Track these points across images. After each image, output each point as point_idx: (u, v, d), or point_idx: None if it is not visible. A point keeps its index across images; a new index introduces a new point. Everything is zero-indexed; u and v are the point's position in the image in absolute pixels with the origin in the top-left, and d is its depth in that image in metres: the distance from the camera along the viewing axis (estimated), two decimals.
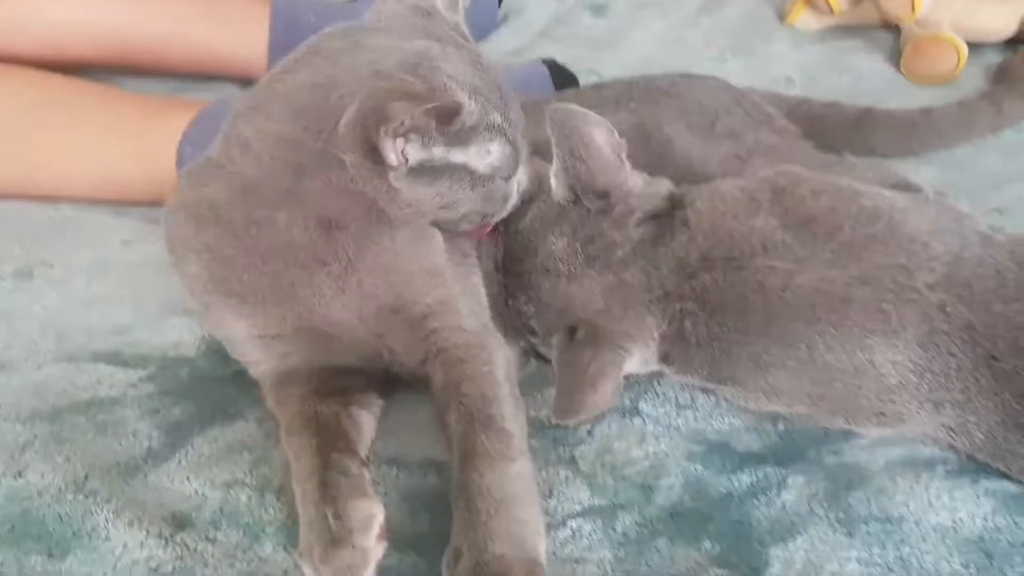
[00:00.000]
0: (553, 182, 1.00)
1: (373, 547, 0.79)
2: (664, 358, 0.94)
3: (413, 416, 0.96)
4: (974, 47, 1.57)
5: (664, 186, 0.98)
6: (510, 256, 1.02)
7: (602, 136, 0.96)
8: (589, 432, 0.95)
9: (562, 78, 1.52)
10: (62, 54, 1.43)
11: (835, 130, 1.35)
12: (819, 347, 0.88)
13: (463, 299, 0.96)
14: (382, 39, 0.89)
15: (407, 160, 0.80)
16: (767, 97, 1.33)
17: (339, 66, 0.86)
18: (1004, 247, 0.90)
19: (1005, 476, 0.87)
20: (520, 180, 0.95)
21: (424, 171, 0.82)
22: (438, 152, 0.82)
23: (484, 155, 0.87)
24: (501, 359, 0.94)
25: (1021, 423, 0.84)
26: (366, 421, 0.94)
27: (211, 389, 1.02)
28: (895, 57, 1.62)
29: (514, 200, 0.95)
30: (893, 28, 1.67)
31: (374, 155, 0.82)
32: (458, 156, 0.84)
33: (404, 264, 0.92)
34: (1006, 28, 1.58)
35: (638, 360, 0.94)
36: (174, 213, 0.94)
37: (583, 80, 1.52)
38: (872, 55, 1.66)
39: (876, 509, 0.86)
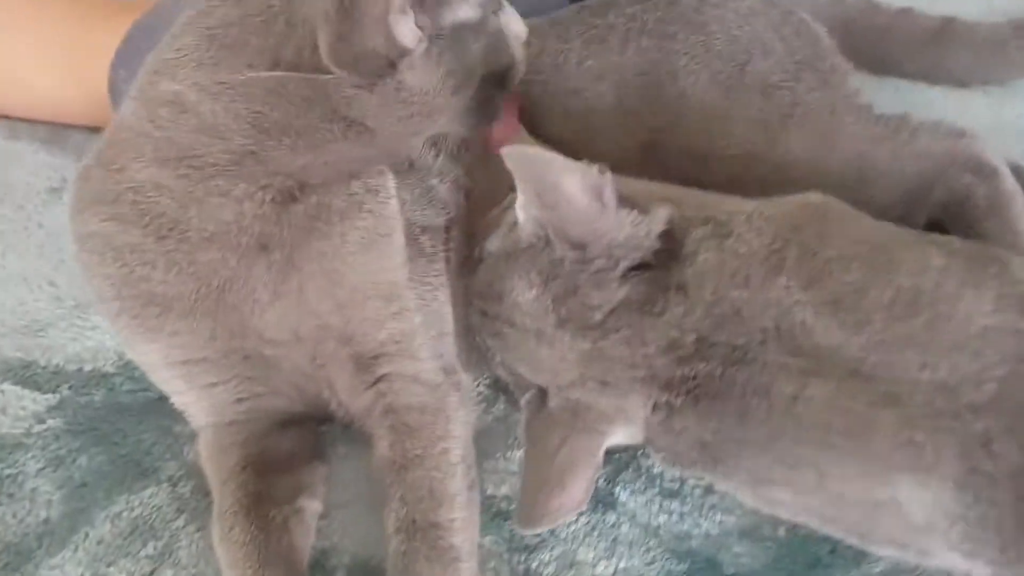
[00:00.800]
0: (519, 215, 0.78)
1: None
2: (649, 442, 0.76)
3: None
4: None
5: (659, 221, 0.75)
6: (478, 286, 0.82)
7: (574, 183, 0.73)
8: (552, 531, 0.80)
9: None
10: None
11: (905, 46, 1.09)
12: (832, 476, 0.69)
13: (423, 333, 0.81)
14: None
15: (422, 33, 0.71)
16: (821, 6, 1.03)
17: None
18: None
19: None
20: (510, 23, 0.80)
21: (432, 47, 0.72)
22: (443, 13, 0.72)
23: None
24: (459, 427, 0.80)
25: None
26: (310, 516, 0.81)
27: (126, 426, 0.89)
28: None
29: (520, 55, 0.81)
30: None
31: (361, 65, 0.70)
32: (455, 8, 0.73)
33: (354, 277, 0.77)
34: None
35: (621, 436, 0.76)
36: (83, 211, 0.77)
37: None
38: None
39: None
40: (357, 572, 0.79)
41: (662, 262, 0.74)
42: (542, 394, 0.78)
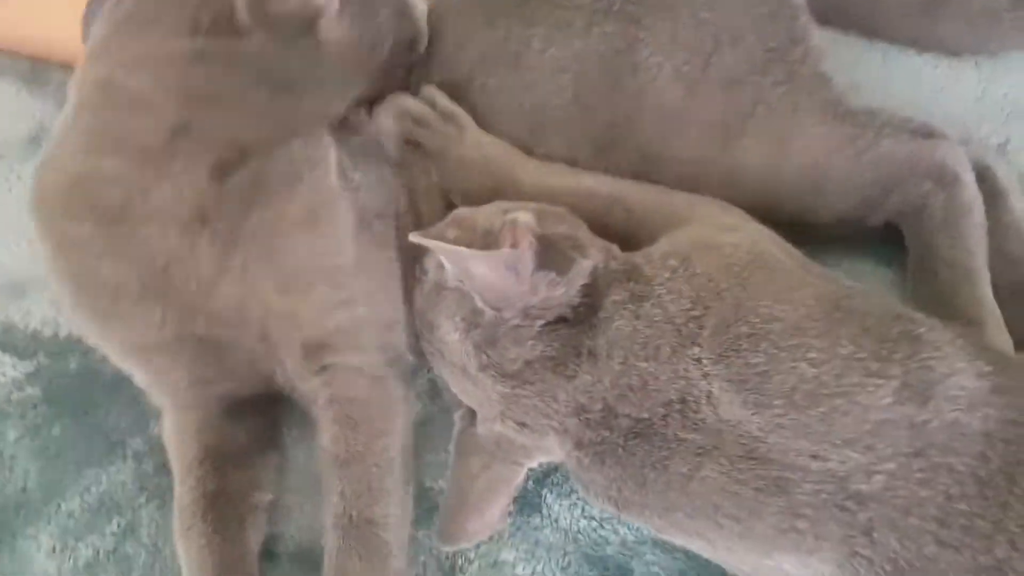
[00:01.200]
0: (444, 262, 0.79)
1: None
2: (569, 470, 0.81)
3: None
4: None
5: (579, 279, 0.75)
6: (416, 306, 0.84)
7: (486, 268, 0.73)
8: None
9: None
10: None
11: (898, 10, 1.02)
12: (721, 548, 0.73)
13: (371, 324, 0.84)
14: None
15: None
16: None
17: None
18: (976, 444, 0.68)
19: None
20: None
21: (345, 8, 0.77)
22: None
23: None
24: (402, 421, 0.83)
25: None
26: (263, 511, 0.87)
27: (98, 396, 0.95)
28: None
29: (424, 27, 0.88)
30: None
31: (280, 25, 0.74)
32: None
33: (296, 256, 0.79)
34: None
35: (543, 459, 0.81)
36: (39, 210, 0.81)
37: None
38: None
39: None
40: (300, 560, 0.86)
41: (581, 317, 0.74)
42: (473, 413, 0.82)
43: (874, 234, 0.91)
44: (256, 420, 0.89)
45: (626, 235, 0.85)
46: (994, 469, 0.66)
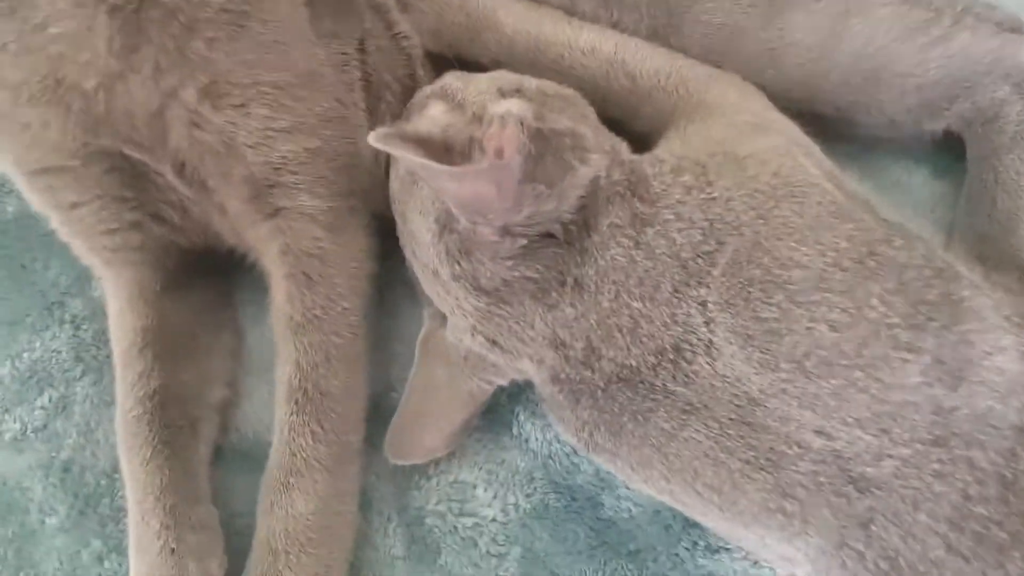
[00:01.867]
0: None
1: None
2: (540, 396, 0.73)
3: None
4: None
5: (573, 194, 0.63)
6: (391, 184, 0.74)
7: (465, 184, 0.62)
8: None
9: None
10: None
11: None
12: (697, 512, 0.66)
13: (325, 157, 0.73)
14: None
15: None
16: None
17: None
18: (1006, 440, 0.58)
19: None
20: None
21: None
22: None
23: None
24: (363, 283, 0.75)
25: None
26: (218, 413, 0.79)
27: (35, 247, 0.86)
28: None
29: None
30: None
31: None
32: None
33: (228, 57, 0.68)
34: None
35: (515, 377, 0.73)
36: None
37: None
38: None
39: None
40: (246, 456, 0.79)
41: (571, 237, 0.64)
42: (444, 314, 0.73)
43: (930, 140, 0.80)
44: (204, 294, 0.80)
45: (627, 109, 0.75)
46: (1022, 471, 0.57)
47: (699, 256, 0.62)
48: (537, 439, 0.78)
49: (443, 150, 0.60)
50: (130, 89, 0.66)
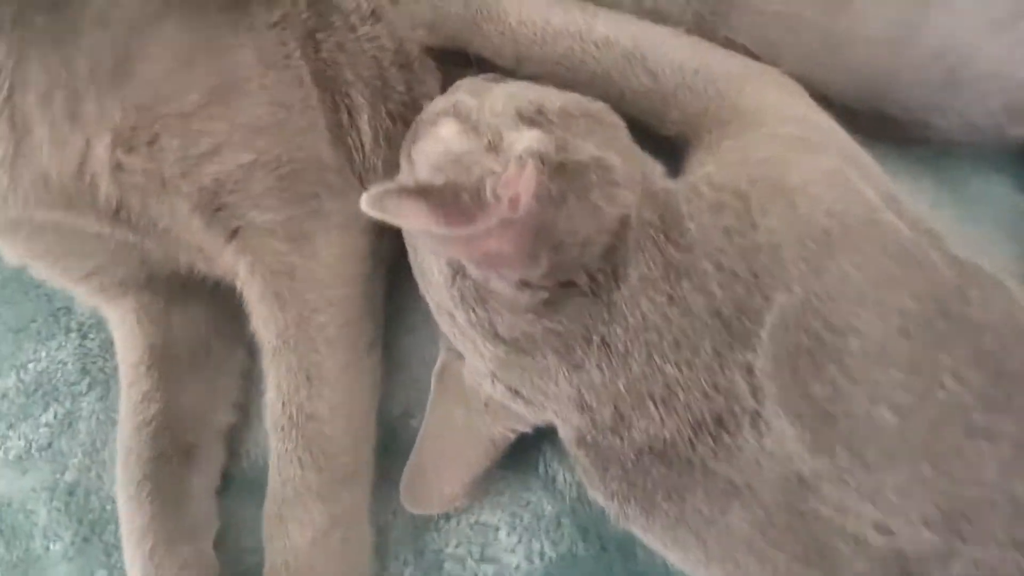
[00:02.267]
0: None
1: None
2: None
3: None
4: None
5: (603, 234, 0.56)
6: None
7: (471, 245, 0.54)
8: None
9: None
10: None
11: None
12: None
13: (264, 173, 0.67)
14: None
15: None
16: None
17: None
18: None
19: None
20: None
21: None
22: None
23: None
24: (341, 290, 0.68)
25: None
26: (222, 432, 0.75)
27: None
28: None
29: None
30: None
31: None
32: None
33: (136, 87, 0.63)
34: None
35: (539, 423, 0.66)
36: None
37: None
38: None
39: None
40: (254, 487, 0.74)
41: (597, 287, 0.56)
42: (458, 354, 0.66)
43: (1014, 147, 0.71)
44: (215, 305, 0.75)
45: (650, 112, 0.66)
46: None
47: (743, 314, 0.54)
48: (565, 480, 0.72)
49: (451, 199, 0.52)
50: (36, 162, 0.61)
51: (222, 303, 0.75)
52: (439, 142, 0.58)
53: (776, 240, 0.54)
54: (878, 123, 0.67)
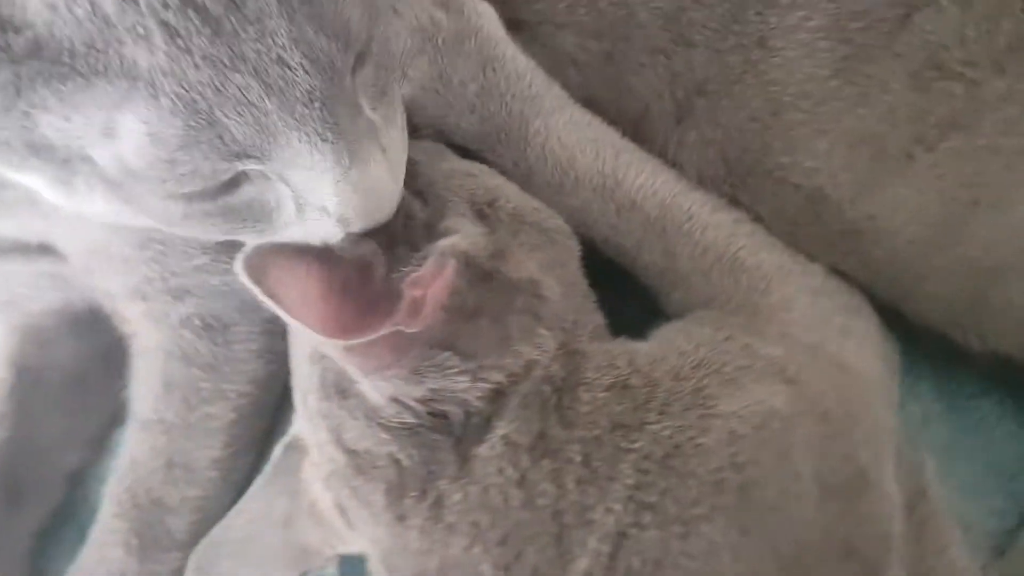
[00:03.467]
0: None
1: None
2: None
3: None
4: None
5: (496, 372, 0.48)
6: None
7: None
8: None
9: None
10: None
11: None
12: None
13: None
14: None
15: None
16: None
17: None
18: None
19: None
20: None
21: None
22: None
23: None
24: (239, 386, 0.63)
25: None
26: (66, 474, 0.69)
27: None
28: None
29: None
30: None
31: None
32: None
33: None
34: None
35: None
36: None
37: None
38: None
39: None
40: None
41: (466, 432, 0.48)
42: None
43: None
44: (106, 339, 0.67)
45: (655, 286, 0.58)
46: None
47: (584, 525, 0.46)
48: None
49: (336, 265, 0.45)
50: None
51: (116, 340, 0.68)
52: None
53: (656, 454, 0.46)
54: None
